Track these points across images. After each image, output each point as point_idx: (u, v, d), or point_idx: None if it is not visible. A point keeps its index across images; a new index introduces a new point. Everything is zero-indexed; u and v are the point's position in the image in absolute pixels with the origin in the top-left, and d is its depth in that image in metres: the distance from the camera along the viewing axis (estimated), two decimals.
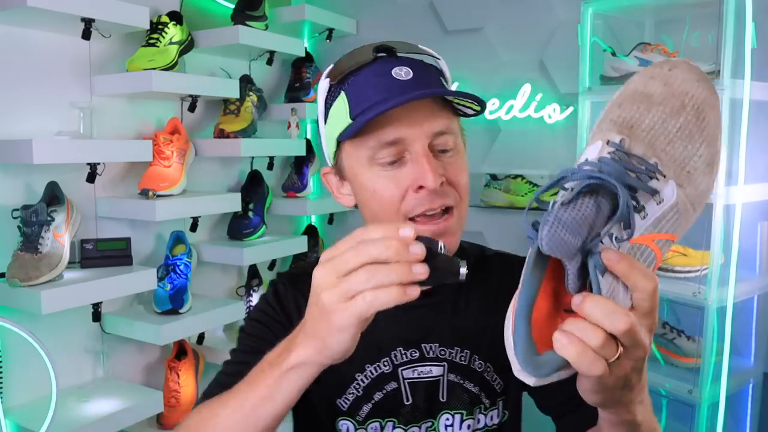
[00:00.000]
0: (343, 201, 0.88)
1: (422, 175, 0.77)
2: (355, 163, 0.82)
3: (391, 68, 0.79)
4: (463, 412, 0.89)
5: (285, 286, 0.93)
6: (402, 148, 0.78)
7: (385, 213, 0.80)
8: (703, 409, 1.60)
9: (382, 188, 0.79)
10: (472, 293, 0.92)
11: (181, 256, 1.88)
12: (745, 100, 1.56)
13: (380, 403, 0.88)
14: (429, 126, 0.78)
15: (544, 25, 2.06)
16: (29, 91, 1.62)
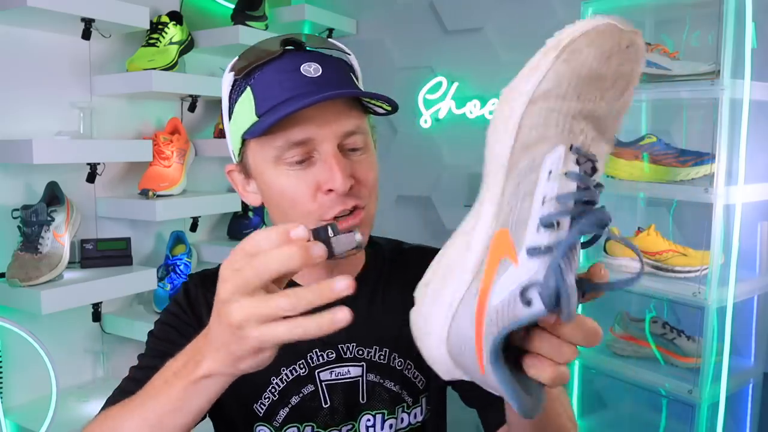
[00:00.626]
0: (249, 199, 0.85)
1: (331, 178, 0.74)
2: (260, 161, 0.78)
3: (300, 64, 0.76)
4: (385, 411, 0.87)
5: (196, 286, 0.90)
6: (311, 148, 0.75)
7: (296, 212, 0.77)
8: (703, 409, 1.60)
9: (290, 188, 0.77)
10: (389, 289, 0.90)
11: (181, 256, 1.88)
12: (745, 100, 1.56)
13: (297, 407, 0.85)
14: (339, 126, 0.75)
15: (544, 25, 2.06)
16: (29, 91, 1.62)
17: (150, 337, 0.90)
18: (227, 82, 0.81)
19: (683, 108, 1.85)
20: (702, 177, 1.64)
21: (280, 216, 0.81)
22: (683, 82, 1.62)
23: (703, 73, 1.58)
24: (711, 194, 1.56)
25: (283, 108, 0.72)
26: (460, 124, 2.20)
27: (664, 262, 1.71)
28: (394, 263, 0.93)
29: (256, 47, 0.81)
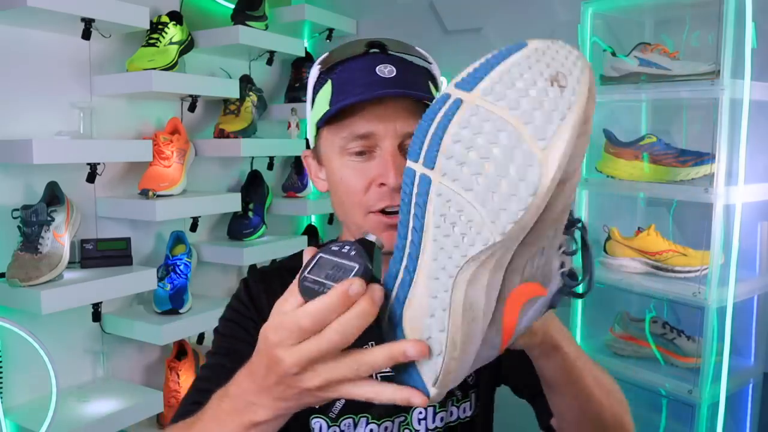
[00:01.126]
0: (319, 185, 0.90)
1: (385, 172, 0.78)
2: (329, 149, 0.84)
3: (377, 64, 0.80)
4: (436, 404, 0.88)
5: (256, 282, 0.93)
6: (373, 143, 0.80)
7: (349, 201, 0.82)
8: (703, 409, 1.60)
9: (347, 177, 0.82)
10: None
11: (181, 256, 1.88)
12: (745, 100, 1.56)
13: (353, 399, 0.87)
14: (401, 126, 0.79)
15: (544, 25, 2.06)
16: (29, 91, 1.62)
17: (216, 335, 0.92)
18: (313, 74, 0.87)
19: (683, 108, 1.85)
20: (702, 177, 1.64)
21: (338, 203, 0.86)
22: (683, 82, 1.62)
23: (703, 73, 1.58)
24: (711, 194, 1.56)
25: (347, 99, 0.78)
26: None
27: (664, 262, 1.71)
28: None
29: (345, 45, 0.85)
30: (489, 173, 0.44)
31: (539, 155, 0.43)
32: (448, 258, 0.47)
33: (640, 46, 1.73)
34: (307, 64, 2.38)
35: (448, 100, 0.47)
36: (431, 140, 0.47)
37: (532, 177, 0.43)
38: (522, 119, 0.44)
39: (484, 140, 0.45)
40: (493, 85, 0.45)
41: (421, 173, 0.48)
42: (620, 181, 1.79)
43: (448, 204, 0.47)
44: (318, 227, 2.58)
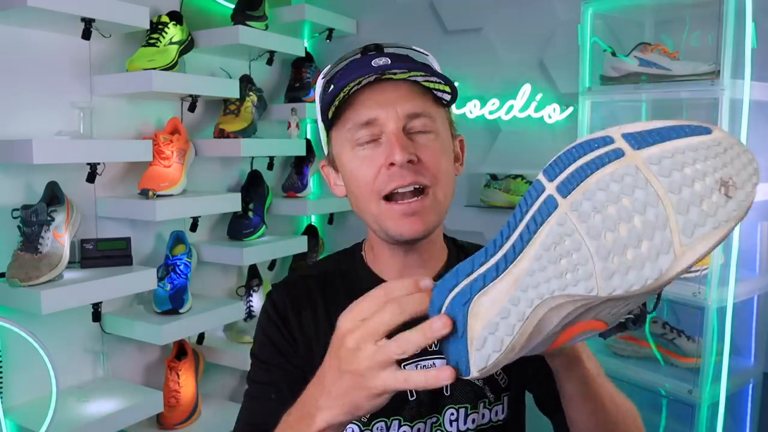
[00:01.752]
0: (337, 191, 0.91)
1: (391, 151, 0.79)
2: (339, 148, 0.86)
3: (372, 59, 0.82)
4: (468, 406, 0.88)
5: (281, 296, 0.93)
6: (378, 130, 0.81)
7: (362, 192, 0.83)
8: (703, 409, 1.60)
9: (357, 168, 0.83)
10: None
11: (181, 256, 1.88)
12: (745, 100, 1.56)
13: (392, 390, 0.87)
14: (402, 108, 0.81)
15: (544, 25, 2.06)
16: (29, 91, 1.62)
17: (253, 359, 0.93)
18: (319, 87, 0.89)
19: (683, 108, 1.85)
20: None
21: (354, 200, 0.87)
22: (683, 82, 1.62)
23: (703, 73, 1.58)
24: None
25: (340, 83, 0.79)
26: (460, 124, 2.18)
27: None
28: None
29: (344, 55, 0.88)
30: (620, 236, 0.46)
31: (678, 249, 0.44)
32: (546, 282, 0.49)
33: (640, 46, 1.73)
34: (307, 64, 2.38)
35: (610, 145, 0.48)
36: (576, 171, 0.48)
37: (662, 264, 0.44)
38: (676, 207, 0.44)
39: (629, 204, 0.45)
40: (661, 158, 0.45)
41: (549, 194, 0.50)
42: None
43: (564, 237, 0.48)
44: (318, 227, 2.58)
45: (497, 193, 2.15)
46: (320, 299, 0.91)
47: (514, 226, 0.53)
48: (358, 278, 0.92)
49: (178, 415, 1.84)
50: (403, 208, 0.81)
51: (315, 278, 0.94)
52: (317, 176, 2.56)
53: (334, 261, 0.97)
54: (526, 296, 0.50)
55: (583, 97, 1.84)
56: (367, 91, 0.82)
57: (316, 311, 0.90)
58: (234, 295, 2.23)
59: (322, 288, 0.92)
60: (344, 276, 0.93)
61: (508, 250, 0.53)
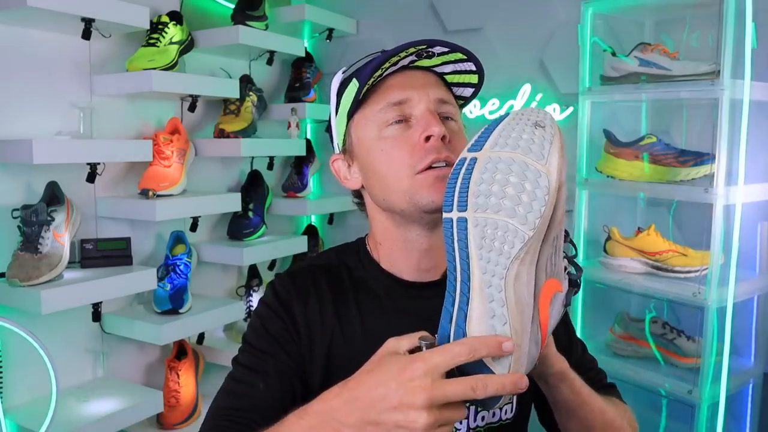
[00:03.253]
0: (351, 184, 0.90)
1: (429, 125, 0.81)
2: (363, 133, 0.86)
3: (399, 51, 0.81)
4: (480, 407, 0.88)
5: (285, 287, 0.91)
6: (408, 112, 0.83)
7: (393, 170, 0.83)
8: (703, 409, 1.60)
9: (390, 147, 0.83)
10: None
11: (181, 256, 1.88)
12: (745, 100, 1.56)
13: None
14: (432, 92, 0.84)
15: (544, 25, 2.06)
16: (29, 91, 1.62)
17: (245, 344, 0.90)
18: (336, 81, 0.89)
19: (683, 108, 1.85)
20: (702, 177, 1.64)
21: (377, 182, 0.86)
22: (683, 82, 1.62)
23: (703, 73, 1.58)
24: (711, 194, 1.55)
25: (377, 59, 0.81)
26: None
27: (664, 262, 1.71)
28: None
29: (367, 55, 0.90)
30: (510, 194, 0.63)
31: (543, 169, 0.63)
32: (495, 265, 0.63)
33: (640, 46, 1.73)
34: (307, 63, 2.38)
35: (465, 161, 0.66)
36: (460, 190, 0.65)
37: (543, 182, 0.63)
38: (523, 153, 0.64)
39: (501, 175, 0.63)
40: (496, 140, 0.66)
41: (457, 217, 0.65)
42: (620, 181, 1.79)
43: (484, 228, 0.63)
44: (318, 227, 2.58)
45: None
46: (328, 291, 0.89)
47: (453, 259, 0.65)
48: (366, 273, 0.91)
49: (178, 415, 1.84)
50: (436, 173, 0.80)
51: (321, 269, 0.92)
52: (317, 176, 2.56)
53: (337, 255, 0.95)
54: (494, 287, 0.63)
55: (583, 97, 1.84)
56: (398, 76, 0.84)
57: (323, 302, 0.89)
58: (234, 295, 2.23)
59: (329, 279, 0.91)
60: (350, 271, 0.92)
61: (461, 276, 0.64)
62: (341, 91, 0.88)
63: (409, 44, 0.80)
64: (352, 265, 0.93)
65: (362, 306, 0.89)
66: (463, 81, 0.89)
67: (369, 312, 0.89)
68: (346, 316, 0.88)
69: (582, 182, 1.86)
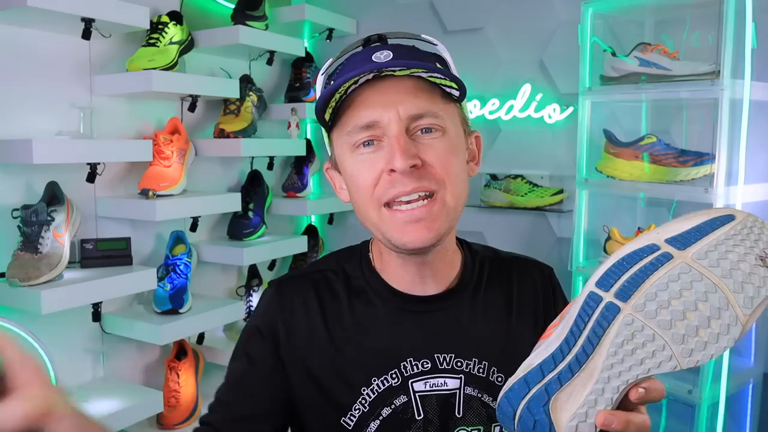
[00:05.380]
0: (342, 196, 0.86)
1: (392, 157, 0.73)
2: (341, 151, 0.80)
3: (373, 52, 0.76)
4: (481, 428, 0.83)
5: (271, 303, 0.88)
6: (379, 132, 0.75)
7: (362, 198, 0.78)
8: (703, 409, 1.60)
9: (358, 172, 0.77)
10: (490, 299, 0.87)
11: (181, 256, 1.88)
12: (745, 100, 1.57)
13: (389, 420, 0.81)
14: (404, 108, 0.74)
15: (544, 25, 2.06)
16: (29, 91, 1.62)
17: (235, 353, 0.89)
18: (319, 84, 0.83)
19: (683, 108, 1.85)
20: (702, 177, 1.64)
21: (355, 205, 0.81)
22: (683, 82, 1.62)
23: (703, 73, 1.58)
24: (711, 194, 1.56)
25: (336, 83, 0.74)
26: None
27: None
28: (494, 272, 0.90)
29: (345, 48, 0.82)
30: (690, 322, 0.55)
31: (742, 319, 0.55)
32: (627, 371, 0.57)
33: (640, 46, 1.73)
34: (307, 64, 2.38)
35: (656, 251, 0.57)
36: (630, 279, 0.57)
37: (733, 333, 0.55)
38: (732, 289, 0.55)
39: (692, 296, 0.55)
40: (706, 252, 0.55)
41: (609, 300, 0.57)
42: (620, 181, 1.79)
43: (635, 332, 0.57)
44: (318, 227, 2.58)
45: (497, 193, 2.15)
46: (316, 302, 0.86)
47: (578, 334, 0.59)
48: (366, 284, 0.87)
49: (178, 415, 1.84)
50: (405, 216, 0.75)
51: (313, 277, 0.89)
52: (317, 176, 2.56)
53: (335, 260, 0.91)
54: (610, 386, 0.58)
55: (583, 97, 1.84)
56: (368, 89, 0.75)
57: (310, 313, 0.85)
58: (234, 295, 2.23)
59: (319, 289, 0.87)
60: (348, 278, 0.88)
61: (578, 352, 0.59)
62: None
63: (357, 72, 0.73)
64: (351, 273, 0.88)
65: (358, 315, 0.85)
66: (445, 84, 0.78)
67: (365, 322, 0.85)
68: (339, 325, 0.85)
69: (582, 182, 1.86)
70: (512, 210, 2.14)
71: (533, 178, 2.13)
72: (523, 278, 0.91)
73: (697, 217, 0.55)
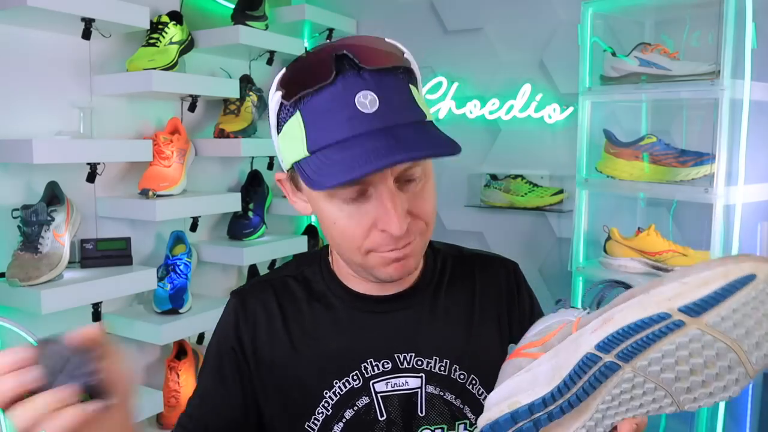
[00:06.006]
0: (299, 207, 0.80)
1: (387, 220, 0.70)
2: (314, 192, 0.73)
3: (354, 93, 0.66)
4: (444, 426, 0.83)
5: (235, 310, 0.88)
6: (366, 186, 0.70)
7: (346, 245, 0.75)
8: (703, 409, 1.60)
9: (343, 222, 0.73)
10: (451, 297, 0.87)
11: (181, 256, 1.88)
12: (745, 100, 1.57)
13: (352, 422, 0.81)
14: (396, 166, 0.69)
15: (544, 25, 2.06)
16: (29, 91, 1.62)
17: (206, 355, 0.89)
18: (275, 100, 0.72)
19: (683, 108, 1.86)
20: (702, 177, 1.64)
21: (332, 242, 0.78)
22: (683, 82, 1.63)
23: (703, 73, 1.58)
24: (711, 194, 1.56)
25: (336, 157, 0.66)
26: (460, 124, 2.20)
27: (664, 262, 1.71)
28: (457, 269, 0.90)
29: (306, 63, 0.72)
30: (696, 379, 0.53)
31: (752, 372, 0.53)
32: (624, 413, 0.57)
33: (640, 46, 1.73)
34: None
35: (667, 320, 0.52)
36: (635, 344, 0.53)
37: (742, 385, 0.54)
38: (747, 349, 0.52)
39: (700, 360, 0.52)
40: (723, 318, 0.51)
41: (609, 361, 0.55)
42: (620, 181, 1.79)
43: (635, 389, 0.55)
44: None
45: (497, 193, 2.15)
46: (276, 307, 0.86)
47: (572, 385, 0.57)
48: (326, 288, 0.86)
49: (178, 415, 1.83)
50: (391, 256, 0.74)
51: (273, 284, 0.88)
52: None
53: (296, 266, 0.90)
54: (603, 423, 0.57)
55: (583, 97, 1.84)
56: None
57: (271, 320, 0.85)
58: None
59: (279, 295, 0.87)
60: (308, 282, 0.87)
61: (571, 398, 0.57)
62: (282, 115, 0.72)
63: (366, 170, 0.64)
64: (311, 277, 0.88)
65: (317, 319, 0.85)
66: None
67: (324, 325, 0.84)
68: (299, 329, 0.85)
69: (582, 182, 1.87)
70: (512, 210, 2.14)
71: (533, 178, 2.13)
72: (487, 275, 0.91)
73: (716, 280, 0.50)
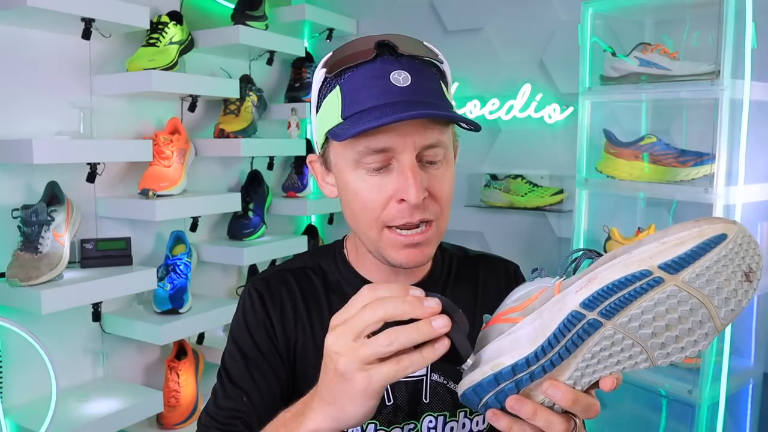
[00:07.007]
0: (327, 190, 0.86)
1: (406, 189, 0.75)
2: (341, 162, 0.80)
3: (390, 71, 0.75)
4: (447, 414, 0.87)
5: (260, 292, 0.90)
6: (390, 156, 0.76)
7: (365, 217, 0.79)
8: (703, 409, 1.60)
9: (364, 192, 0.78)
10: (456, 293, 0.91)
11: (181, 256, 1.88)
12: (745, 100, 1.56)
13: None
14: (420, 138, 0.76)
15: (544, 25, 2.06)
16: (29, 91, 1.63)
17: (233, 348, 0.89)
18: (318, 77, 0.82)
19: (683, 108, 1.85)
20: (702, 177, 1.64)
21: (351, 216, 0.82)
22: (683, 82, 1.62)
23: (703, 73, 1.58)
24: (711, 194, 1.56)
25: (367, 118, 0.73)
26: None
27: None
28: (462, 269, 0.95)
29: (351, 46, 0.79)
30: (668, 336, 0.57)
31: (720, 328, 0.57)
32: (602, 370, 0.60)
33: (640, 46, 1.73)
34: (307, 63, 2.38)
35: (647, 277, 0.56)
36: (617, 301, 0.57)
37: (711, 338, 0.57)
38: (717, 304, 0.56)
39: (675, 316, 0.56)
40: (698, 275, 0.55)
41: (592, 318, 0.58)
42: (620, 181, 1.79)
43: (614, 346, 0.58)
44: (318, 227, 2.58)
45: (497, 193, 2.15)
46: (299, 294, 0.89)
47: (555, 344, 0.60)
48: (341, 278, 0.91)
49: (178, 415, 1.84)
50: (405, 240, 0.78)
51: (292, 272, 0.92)
52: None
53: (312, 257, 0.95)
54: (582, 381, 0.60)
55: (583, 97, 1.84)
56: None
57: (296, 306, 0.89)
58: (234, 295, 2.23)
59: (300, 283, 0.90)
60: (324, 274, 0.92)
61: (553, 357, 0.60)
62: (323, 90, 0.81)
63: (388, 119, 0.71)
64: (326, 269, 0.92)
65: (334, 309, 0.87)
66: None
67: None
68: (319, 319, 0.88)
69: (582, 182, 1.86)
70: (512, 210, 2.14)
71: (533, 178, 2.13)
72: (490, 275, 0.96)
73: (692, 239, 0.55)
